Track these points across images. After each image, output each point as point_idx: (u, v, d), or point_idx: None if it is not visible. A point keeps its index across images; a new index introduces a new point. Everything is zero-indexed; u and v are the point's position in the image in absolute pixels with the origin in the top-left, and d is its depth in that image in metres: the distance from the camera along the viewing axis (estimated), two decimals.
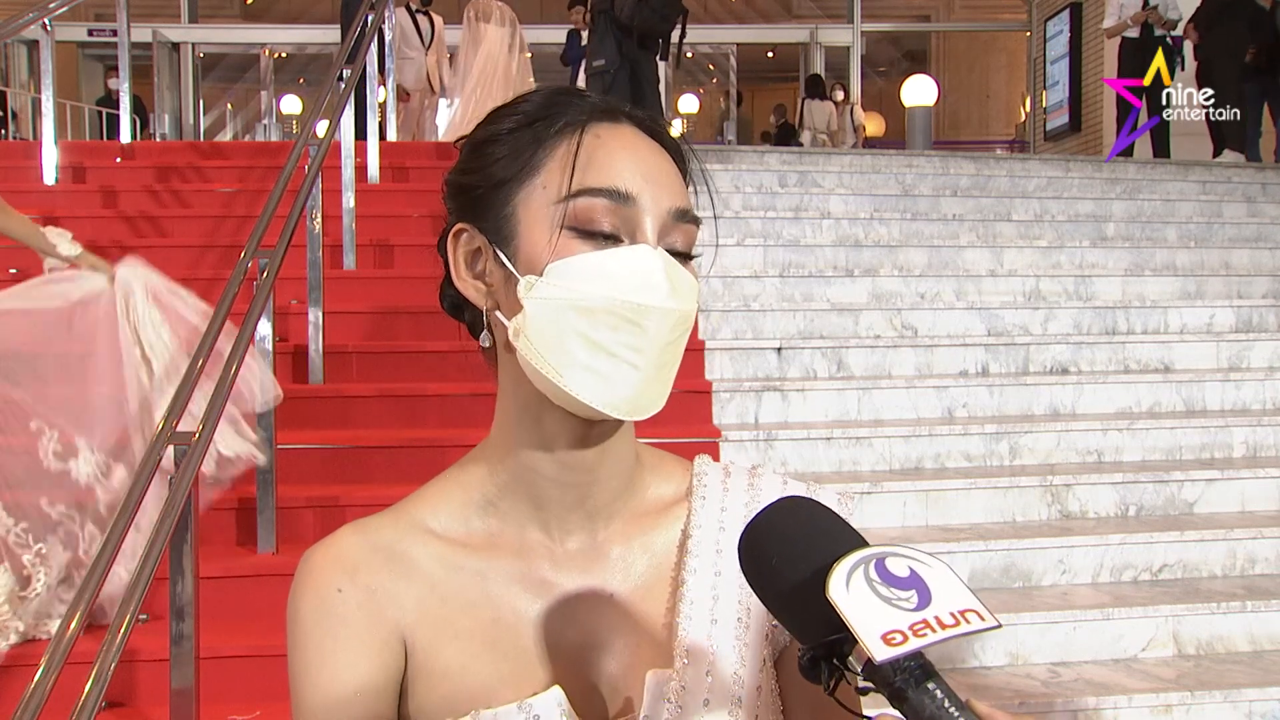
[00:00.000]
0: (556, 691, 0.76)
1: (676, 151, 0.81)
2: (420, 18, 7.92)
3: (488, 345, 0.81)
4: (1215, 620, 3.15)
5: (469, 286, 0.80)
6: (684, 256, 0.77)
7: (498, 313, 0.78)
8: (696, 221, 0.78)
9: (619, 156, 0.76)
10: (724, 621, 0.80)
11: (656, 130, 0.80)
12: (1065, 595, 3.26)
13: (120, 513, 2.12)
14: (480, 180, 0.79)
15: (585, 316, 0.73)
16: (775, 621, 0.81)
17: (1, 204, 2.97)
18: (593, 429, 0.78)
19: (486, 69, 7.59)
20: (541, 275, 0.74)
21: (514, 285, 0.76)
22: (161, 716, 2.42)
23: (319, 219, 3.88)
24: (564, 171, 0.75)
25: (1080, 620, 3.10)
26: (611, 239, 0.74)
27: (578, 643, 0.80)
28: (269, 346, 3.14)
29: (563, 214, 0.74)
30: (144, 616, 2.77)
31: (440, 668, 0.78)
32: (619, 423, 0.78)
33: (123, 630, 1.92)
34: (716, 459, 0.91)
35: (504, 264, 0.77)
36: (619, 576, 0.82)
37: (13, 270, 4.55)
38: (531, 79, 7.74)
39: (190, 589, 2.32)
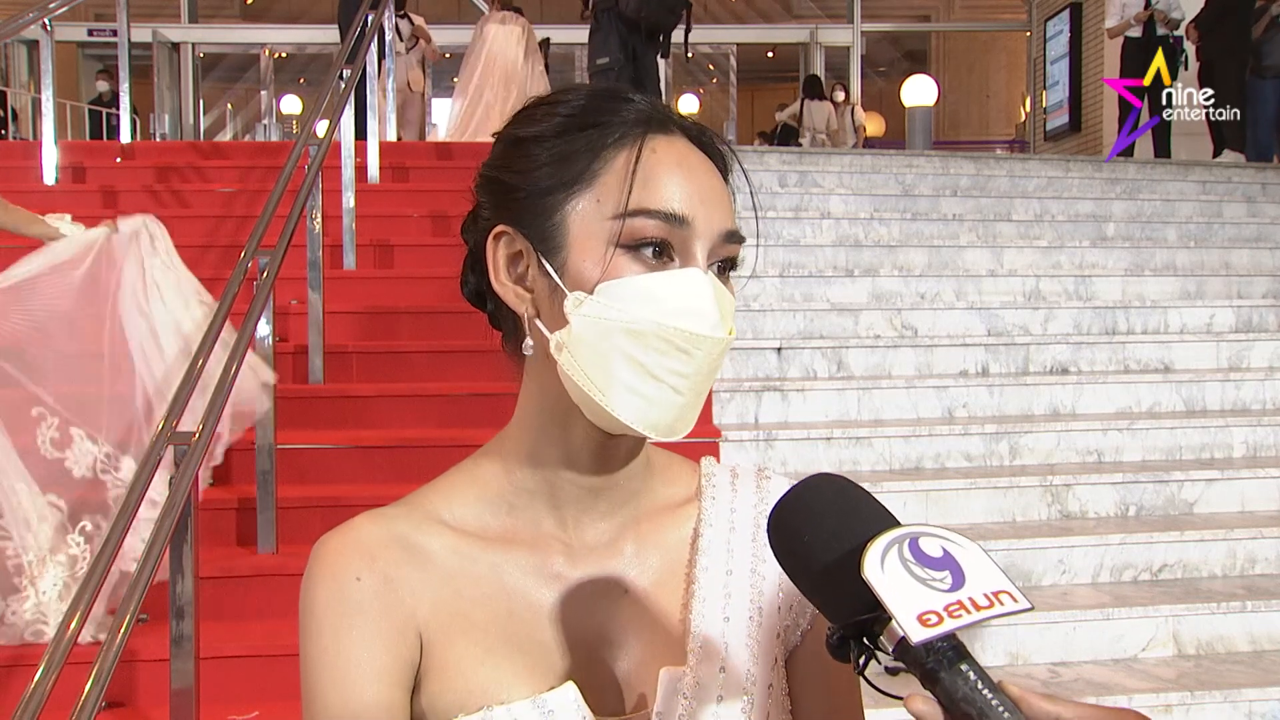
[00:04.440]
0: (571, 687, 0.76)
1: (722, 162, 0.81)
2: (400, 20, 7.94)
3: (529, 352, 0.79)
4: (1215, 620, 3.15)
5: (509, 291, 0.79)
6: (727, 270, 0.78)
7: (538, 321, 0.77)
8: (743, 240, 0.79)
9: (675, 175, 0.75)
10: (736, 619, 0.81)
11: (703, 140, 0.80)
12: (1065, 595, 3.26)
13: (120, 513, 2.12)
14: (524, 183, 0.77)
15: (634, 339, 0.73)
16: (787, 621, 0.82)
17: (7, 207, 2.95)
18: (619, 440, 0.79)
19: (490, 67, 7.58)
20: (592, 293, 0.74)
21: (560, 298, 0.75)
22: (161, 716, 2.42)
23: (319, 219, 3.88)
24: (621, 188, 0.74)
25: (1080, 620, 3.10)
26: (663, 260, 0.74)
27: (592, 638, 0.80)
28: (269, 346, 3.14)
29: (617, 231, 0.74)
30: (144, 616, 2.76)
31: (454, 661, 0.77)
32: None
33: (123, 630, 1.92)
34: (717, 459, 0.91)
35: (550, 275, 0.76)
36: (633, 573, 0.82)
37: None
38: (546, 84, 7.73)
39: (190, 589, 2.32)
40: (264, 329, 3.08)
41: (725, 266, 0.78)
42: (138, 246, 2.98)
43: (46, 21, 5.21)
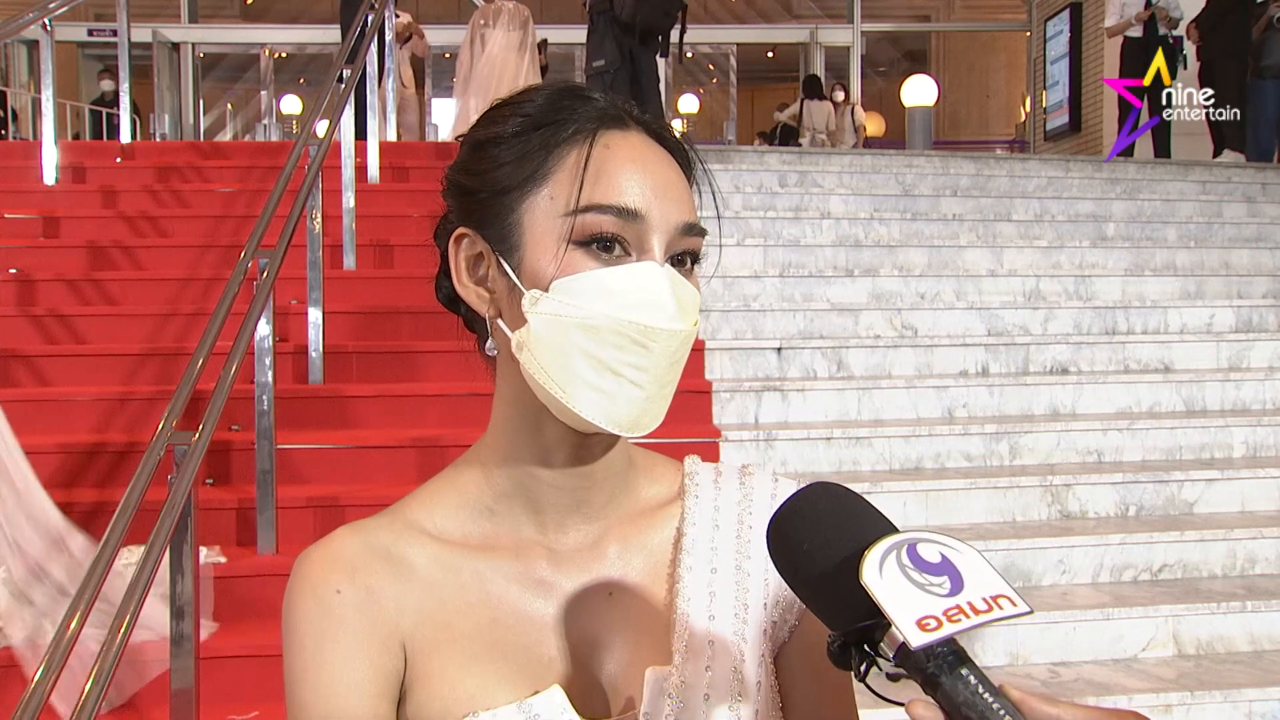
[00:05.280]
0: (556, 690, 0.76)
1: (683, 156, 0.80)
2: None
3: (493, 354, 0.80)
4: (1215, 620, 3.15)
5: (471, 293, 0.79)
6: (689, 263, 0.77)
7: (500, 321, 0.78)
8: (703, 233, 0.78)
9: (628, 170, 0.75)
10: (722, 617, 0.81)
11: (663, 136, 0.79)
12: (1065, 595, 3.26)
13: (120, 513, 2.12)
14: (483, 185, 0.78)
15: (590, 335, 0.72)
16: (774, 617, 0.82)
17: None
18: (592, 439, 0.78)
19: (486, 71, 7.59)
20: (547, 290, 0.73)
21: (518, 297, 0.75)
22: (161, 716, 2.42)
23: (319, 219, 3.88)
24: (573, 184, 0.74)
25: (1080, 620, 3.10)
26: (619, 255, 0.74)
27: (577, 641, 0.80)
28: (269, 346, 3.14)
29: (570, 228, 0.73)
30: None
31: (439, 670, 0.77)
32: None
33: (122, 630, 1.92)
34: (717, 459, 0.91)
35: (508, 274, 0.76)
36: (617, 575, 0.82)
37: (12, 270, 4.56)
38: (538, 80, 7.73)
39: (190, 589, 2.32)
40: (264, 329, 3.08)
41: (687, 260, 0.77)
42: None
43: (46, 21, 5.22)
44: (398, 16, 8.05)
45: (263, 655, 2.72)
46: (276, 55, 15.17)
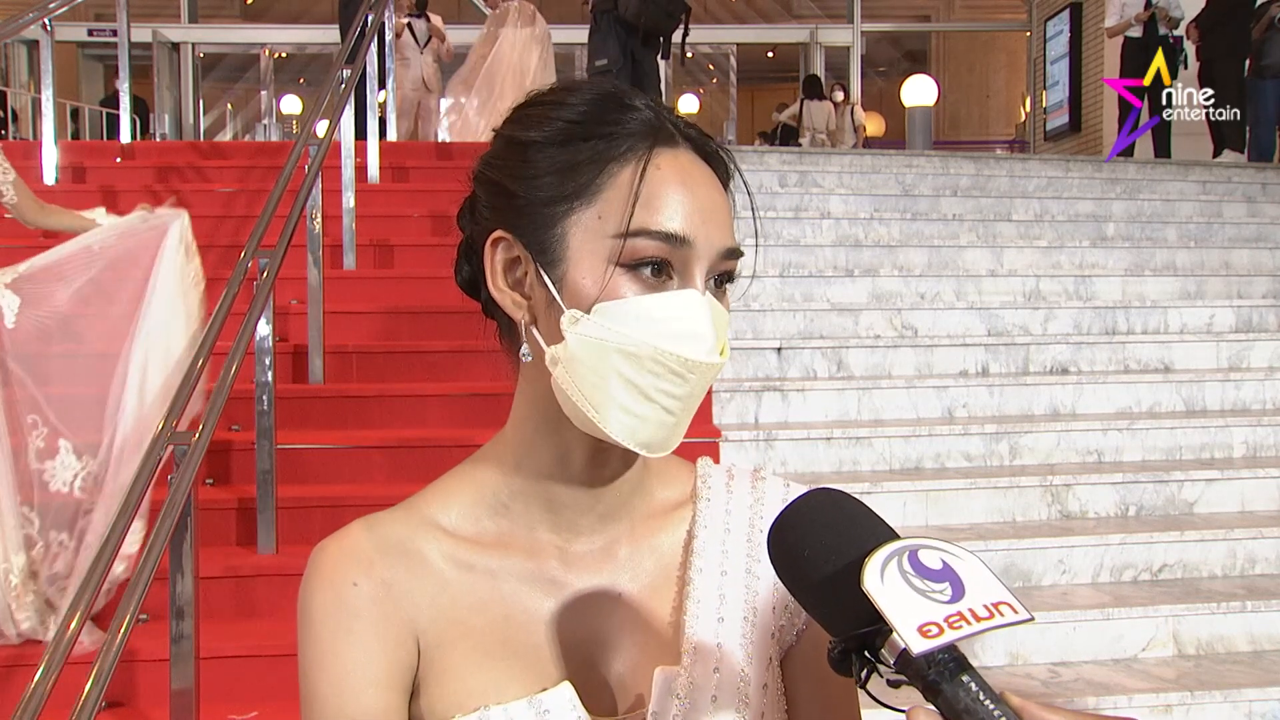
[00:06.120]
0: (566, 687, 0.76)
1: (724, 171, 0.80)
2: (416, 21, 8.02)
3: (527, 359, 0.79)
4: (1215, 620, 3.15)
5: (506, 297, 0.78)
6: (724, 283, 0.78)
7: (535, 330, 0.77)
8: (740, 255, 0.79)
9: (679, 194, 0.74)
10: (730, 620, 0.81)
11: (707, 150, 0.79)
12: (1065, 595, 3.26)
13: (120, 513, 2.12)
14: (525, 190, 0.76)
15: (630, 361, 0.73)
16: (782, 621, 0.82)
17: (44, 206, 3.02)
18: (611, 447, 0.78)
19: (495, 69, 7.60)
20: (589, 312, 0.73)
21: (557, 313, 0.74)
22: (161, 716, 2.42)
23: (319, 219, 3.88)
24: (625, 205, 0.73)
25: (1080, 620, 3.10)
26: (661, 279, 0.74)
27: (587, 640, 0.80)
28: (269, 346, 3.14)
29: (618, 250, 0.73)
30: (144, 617, 2.76)
31: (451, 665, 0.78)
32: None
33: (123, 630, 1.92)
34: (716, 459, 0.91)
35: (548, 287, 0.75)
36: (627, 576, 0.82)
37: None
38: (553, 77, 7.72)
39: (190, 589, 2.32)
40: (264, 329, 3.08)
41: (723, 279, 0.78)
42: (180, 254, 2.96)
43: (46, 21, 5.22)
44: (425, 17, 8.10)
45: (262, 655, 2.72)
46: (276, 55, 15.16)
